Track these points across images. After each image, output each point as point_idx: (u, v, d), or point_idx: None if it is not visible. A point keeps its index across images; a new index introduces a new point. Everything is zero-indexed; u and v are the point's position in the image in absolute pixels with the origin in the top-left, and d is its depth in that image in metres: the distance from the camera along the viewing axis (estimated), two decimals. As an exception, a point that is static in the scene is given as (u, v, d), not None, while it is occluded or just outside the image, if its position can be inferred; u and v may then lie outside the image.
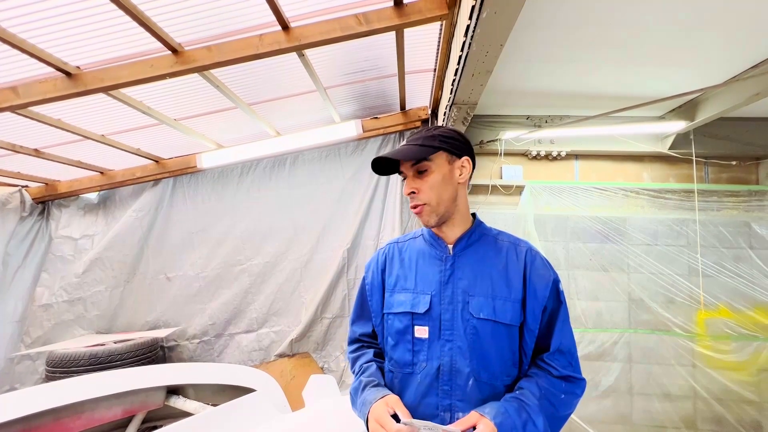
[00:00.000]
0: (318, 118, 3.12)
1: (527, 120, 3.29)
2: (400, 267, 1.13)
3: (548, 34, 2.12)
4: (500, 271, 1.03)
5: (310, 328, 3.38)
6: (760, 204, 3.17)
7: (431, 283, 1.06)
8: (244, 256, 3.48)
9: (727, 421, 3.01)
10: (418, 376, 1.02)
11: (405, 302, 1.07)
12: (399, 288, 1.10)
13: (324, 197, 3.46)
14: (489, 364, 0.99)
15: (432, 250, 1.10)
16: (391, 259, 1.16)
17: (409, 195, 1.05)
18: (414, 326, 1.04)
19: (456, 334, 1.00)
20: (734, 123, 3.12)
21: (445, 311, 1.02)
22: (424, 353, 1.03)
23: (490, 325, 0.99)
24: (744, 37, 2.08)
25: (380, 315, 1.15)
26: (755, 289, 3.04)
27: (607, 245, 3.20)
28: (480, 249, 1.07)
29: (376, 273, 1.17)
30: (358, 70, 2.47)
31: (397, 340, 1.07)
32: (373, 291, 1.17)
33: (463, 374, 0.99)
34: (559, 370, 1.00)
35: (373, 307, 1.17)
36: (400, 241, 1.21)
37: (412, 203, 1.06)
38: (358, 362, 1.17)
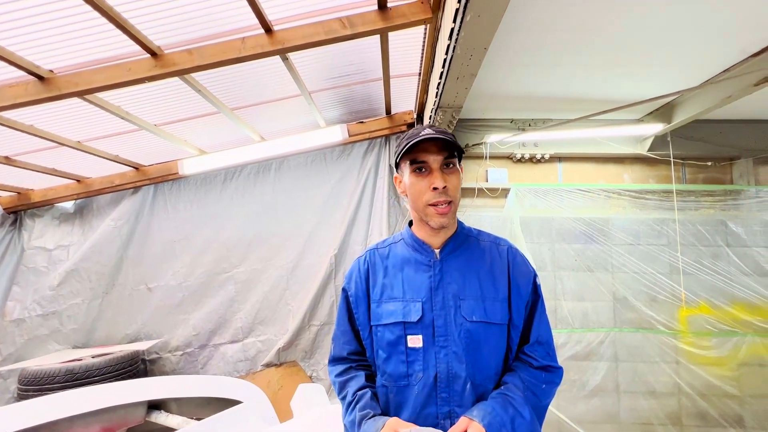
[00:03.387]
0: (303, 123, 3.09)
1: (511, 123, 3.34)
2: (384, 275, 1.07)
3: (530, 38, 2.15)
4: (486, 272, 1.04)
5: (298, 336, 3.31)
6: (735, 203, 3.27)
7: (420, 290, 1.02)
8: (228, 264, 3.40)
9: (711, 416, 3.07)
10: (416, 387, 0.98)
11: (395, 312, 1.02)
12: (386, 297, 1.04)
13: (310, 203, 3.41)
14: (483, 365, 0.99)
15: (417, 256, 1.06)
16: (373, 267, 1.09)
17: (441, 189, 0.95)
18: (407, 336, 1.00)
19: (450, 339, 0.99)
20: (708, 125, 3.23)
21: (437, 317, 1.00)
22: (419, 363, 0.99)
23: (483, 327, 0.99)
24: (716, 42, 2.16)
25: (368, 328, 1.07)
26: (733, 286, 3.13)
27: (592, 246, 3.25)
28: (465, 251, 1.06)
29: (360, 283, 1.09)
30: (343, 74, 2.46)
31: (390, 352, 1.01)
32: (358, 303, 1.09)
33: (460, 379, 0.97)
34: (539, 361, 1.02)
35: (359, 320, 1.09)
36: (380, 247, 1.14)
37: (441, 199, 0.97)
38: (349, 388, 1.06)
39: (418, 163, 0.98)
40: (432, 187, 0.96)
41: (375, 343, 1.05)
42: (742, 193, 3.29)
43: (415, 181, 0.99)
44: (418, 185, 0.98)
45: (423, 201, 0.99)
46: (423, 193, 0.98)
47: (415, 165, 0.99)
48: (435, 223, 0.99)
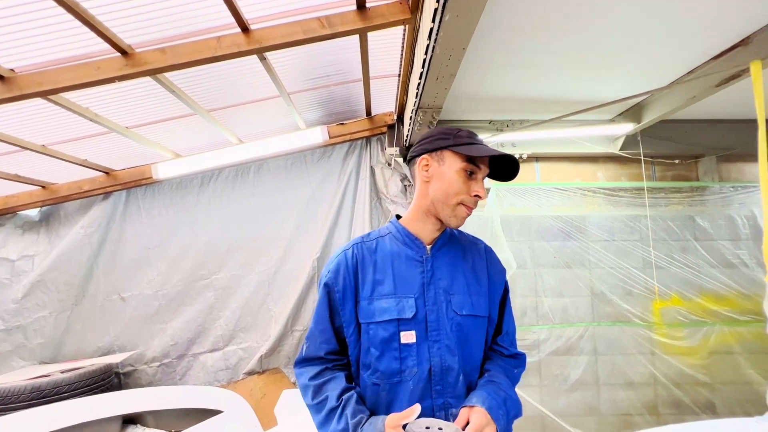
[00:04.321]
0: (282, 125, 3.05)
1: (490, 124, 3.40)
2: (374, 270, 1.05)
3: (507, 40, 2.20)
4: (470, 268, 1.10)
5: (281, 343, 3.25)
6: (701, 199, 3.43)
7: (412, 286, 1.03)
8: (207, 270, 3.31)
9: (685, 404, 3.20)
10: (410, 383, 0.99)
11: (389, 309, 1.01)
12: (378, 294, 1.02)
13: (291, 206, 3.36)
14: (471, 356, 1.05)
15: (408, 251, 1.07)
16: (362, 262, 1.06)
17: (476, 198, 1.02)
18: (400, 332, 1.00)
19: (443, 333, 1.01)
20: (675, 125, 3.38)
21: (430, 312, 1.02)
22: (412, 358, 1.00)
23: (471, 320, 1.04)
24: (680, 45, 2.26)
25: (353, 325, 1.03)
26: (702, 278, 3.27)
27: (569, 243, 3.34)
28: (451, 249, 1.11)
29: (348, 278, 1.04)
30: (322, 75, 2.44)
31: (383, 349, 1.00)
32: (345, 299, 1.03)
33: (453, 371, 1.01)
34: (509, 350, 1.13)
35: (344, 317, 1.03)
36: (367, 240, 1.11)
37: (472, 206, 1.03)
38: (329, 392, 0.99)
39: (473, 166, 1.01)
40: (474, 193, 1.01)
41: (367, 340, 1.02)
42: (707, 189, 3.45)
43: (459, 179, 1.00)
44: (460, 184, 1.00)
45: (457, 198, 1.01)
46: (461, 193, 1.01)
47: (469, 166, 1.01)
48: (455, 222, 1.04)
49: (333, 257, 1.10)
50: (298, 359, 1.08)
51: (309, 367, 1.05)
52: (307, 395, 1.02)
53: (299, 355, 1.08)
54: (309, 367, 1.05)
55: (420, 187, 1.07)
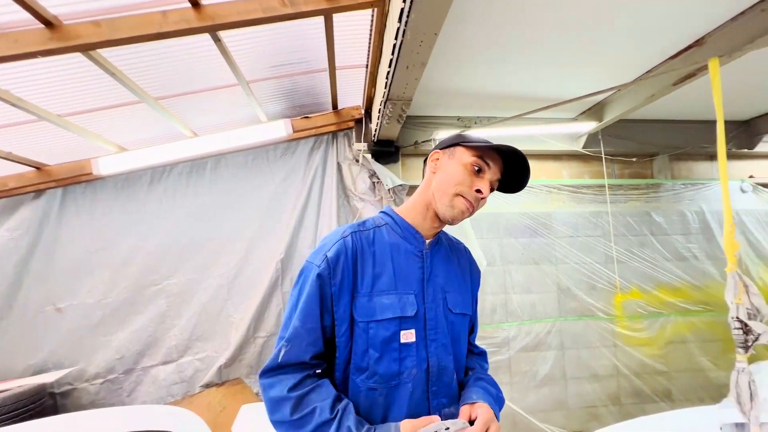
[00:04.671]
0: (241, 117, 2.84)
1: (458, 121, 3.37)
2: (373, 263, 0.95)
3: (478, 32, 2.15)
4: (457, 267, 1.09)
5: (242, 351, 3.03)
6: (656, 195, 3.59)
7: (412, 281, 0.97)
8: (159, 274, 3.02)
9: (645, 393, 3.32)
10: (409, 385, 0.92)
11: (392, 306, 0.92)
12: (377, 290, 0.93)
13: (252, 204, 3.15)
14: (460, 355, 1.04)
15: (407, 244, 1.00)
16: (361, 252, 0.95)
17: (480, 195, 0.96)
18: (400, 331, 0.92)
19: (440, 331, 0.98)
20: (632, 124, 3.52)
21: (429, 310, 0.97)
22: (411, 359, 0.93)
23: (461, 319, 1.04)
24: (640, 45, 2.32)
25: (346, 323, 0.91)
26: (658, 271, 3.42)
27: (536, 239, 3.37)
28: (442, 247, 1.09)
29: (347, 269, 0.92)
30: (285, 63, 2.28)
31: (383, 350, 0.91)
32: (342, 293, 0.91)
33: (448, 370, 0.98)
34: (477, 347, 1.18)
35: (338, 315, 0.91)
36: (363, 229, 1.00)
37: (473, 201, 0.96)
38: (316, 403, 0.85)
39: (482, 163, 0.95)
40: (476, 188, 0.95)
41: (365, 341, 0.91)
42: (661, 186, 3.62)
43: (464, 171, 0.95)
44: (464, 176, 0.95)
45: (457, 188, 0.95)
46: (462, 184, 0.95)
47: (478, 162, 0.95)
48: (451, 213, 0.96)
49: (326, 244, 0.95)
50: (270, 366, 0.89)
51: (286, 375, 0.88)
52: (284, 409, 0.85)
53: (272, 361, 0.89)
54: (286, 375, 0.88)
55: (426, 180, 1.03)
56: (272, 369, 0.90)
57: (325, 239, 0.99)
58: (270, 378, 0.89)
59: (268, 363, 0.90)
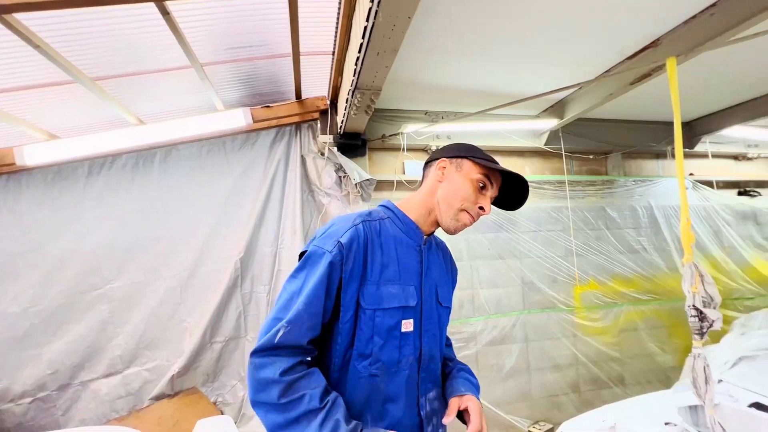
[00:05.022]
0: (195, 104, 2.61)
1: (426, 115, 3.33)
2: (381, 253, 0.98)
3: (447, 23, 2.10)
4: (443, 263, 1.17)
5: (197, 358, 2.80)
6: (610, 191, 3.78)
7: (412, 274, 1.02)
8: (100, 278, 2.72)
9: (601, 379, 3.48)
10: (406, 372, 0.99)
11: (397, 296, 0.97)
12: (385, 279, 0.97)
13: (207, 200, 2.92)
14: (442, 344, 1.13)
15: (407, 238, 1.05)
16: (371, 242, 0.98)
17: (483, 213, 1.04)
18: (402, 321, 0.97)
19: (432, 323, 1.05)
20: (589, 123, 3.66)
21: (425, 302, 1.03)
22: (409, 347, 0.99)
23: (446, 312, 1.13)
24: (600, 45, 2.39)
25: (352, 310, 0.93)
26: (612, 263, 3.59)
27: (502, 234, 3.42)
28: (433, 244, 1.15)
29: (359, 255, 0.94)
30: (244, 45, 2.10)
31: (386, 338, 0.95)
32: (351, 279, 0.93)
33: (435, 359, 1.07)
34: (448, 339, 1.24)
35: (345, 300, 0.93)
36: (371, 220, 1.02)
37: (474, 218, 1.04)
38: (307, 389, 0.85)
39: (487, 181, 1.04)
40: (479, 206, 1.03)
41: (370, 328, 0.94)
42: (615, 182, 3.81)
43: (471, 187, 1.02)
44: (470, 192, 1.02)
45: (463, 204, 1.02)
46: (468, 200, 1.02)
47: (483, 180, 1.03)
48: (454, 226, 1.04)
49: (338, 230, 0.96)
50: (265, 346, 0.87)
51: (280, 357, 0.87)
52: (271, 391, 0.84)
53: (267, 341, 0.87)
54: (280, 357, 0.87)
55: (430, 186, 1.07)
56: (267, 349, 0.87)
57: (333, 226, 0.99)
58: (263, 358, 0.87)
59: (262, 342, 0.87)
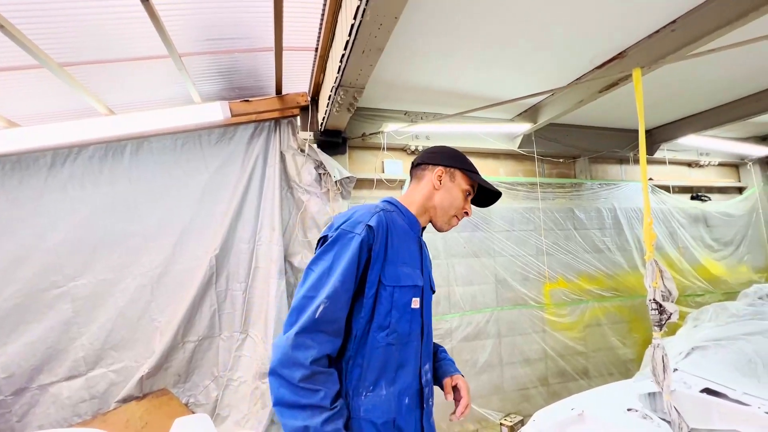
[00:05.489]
0: (171, 95, 2.53)
1: (405, 116, 3.37)
2: (396, 238, 1.13)
3: (429, 25, 2.15)
4: (427, 253, 1.32)
5: (168, 358, 2.71)
6: (578, 194, 3.97)
7: (416, 260, 1.19)
8: (62, 276, 2.57)
9: (568, 372, 3.65)
10: (414, 344, 1.13)
11: (411, 276, 1.12)
12: (401, 261, 1.11)
13: (181, 195, 2.83)
14: None
15: (410, 231, 1.21)
16: (390, 228, 1.12)
17: (466, 214, 1.28)
18: (412, 298, 1.11)
19: (429, 304, 1.22)
20: (560, 128, 3.84)
21: (425, 284, 1.19)
22: (416, 322, 1.14)
23: (433, 297, 1.30)
24: (571, 54, 2.52)
25: (375, 285, 1.05)
26: (579, 262, 3.78)
27: (477, 233, 3.52)
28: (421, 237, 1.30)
29: (383, 238, 1.07)
30: (225, 37, 2.06)
31: (402, 312, 1.09)
32: (377, 259, 1.06)
33: (431, 336, 1.23)
34: None
35: (370, 277, 1.04)
36: (385, 210, 1.15)
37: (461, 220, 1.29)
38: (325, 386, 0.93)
39: (473, 190, 1.28)
40: (465, 211, 1.27)
41: (389, 303, 1.06)
42: (582, 185, 4.01)
43: (462, 197, 1.25)
44: (462, 201, 1.26)
45: (455, 211, 1.26)
46: (459, 208, 1.26)
47: (471, 190, 1.27)
48: (447, 228, 1.28)
49: (363, 216, 1.08)
50: (306, 324, 0.94)
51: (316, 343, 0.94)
52: (296, 372, 0.91)
53: (308, 319, 0.94)
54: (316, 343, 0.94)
55: (428, 190, 1.24)
56: (308, 329, 0.94)
57: (356, 213, 1.10)
58: (303, 337, 0.93)
59: (304, 322, 0.94)
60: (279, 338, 0.96)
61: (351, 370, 1.04)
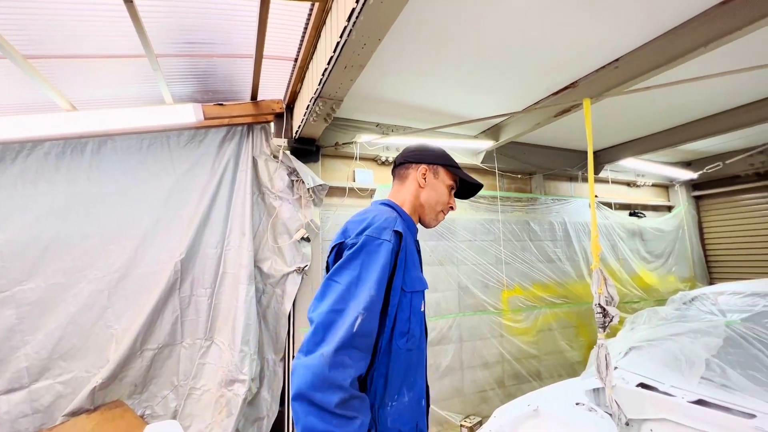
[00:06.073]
0: (140, 94, 2.46)
1: (377, 127, 3.49)
2: (409, 243, 1.13)
3: (406, 46, 2.29)
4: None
5: (125, 367, 2.58)
6: (533, 207, 4.28)
7: (418, 262, 1.21)
8: (7, 279, 2.39)
9: (522, 375, 3.89)
10: (424, 345, 1.16)
11: (421, 279, 1.14)
12: (413, 266, 1.12)
13: (146, 197, 2.74)
14: None
15: (410, 234, 1.21)
16: (406, 234, 1.12)
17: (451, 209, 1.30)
18: (422, 301, 1.15)
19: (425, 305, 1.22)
20: (518, 147, 4.14)
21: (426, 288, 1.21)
22: (424, 324, 1.17)
23: None
24: (531, 81, 2.77)
25: (399, 293, 1.04)
26: (534, 271, 4.06)
27: (442, 242, 3.69)
28: None
29: (404, 245, 1.08)
30: (206, 41, 2.06)
31: (418, 316, 1.11)
32: (401, 265, 1.05)
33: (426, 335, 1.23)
34: None
35: (395, 284, 1.03)
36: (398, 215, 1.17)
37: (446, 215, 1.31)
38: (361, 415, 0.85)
39: (456, 185, 1.32)
40: (450, 206, 1.30)
41: (409, 308, 1.07)
42: (537, 200, 4.33)
43: (447, 193, 1.29)
44: (447, 197, 1.29)
45: (442, 207, 1.28)
46: (444, 204, 1.28)
47: (454, 185, 1.31)
48: (434, 224, 1.30)
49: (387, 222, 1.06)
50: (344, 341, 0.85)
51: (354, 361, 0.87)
52: (332, 396, 0.81)
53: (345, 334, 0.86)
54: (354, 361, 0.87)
55: (414, 190, 1.26)
56: (345, 345, 0.85)
57: (374, 218, 1.07)
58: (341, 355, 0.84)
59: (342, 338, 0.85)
60: (310, 358, 0.83)
61: (375, 382, 0.98)
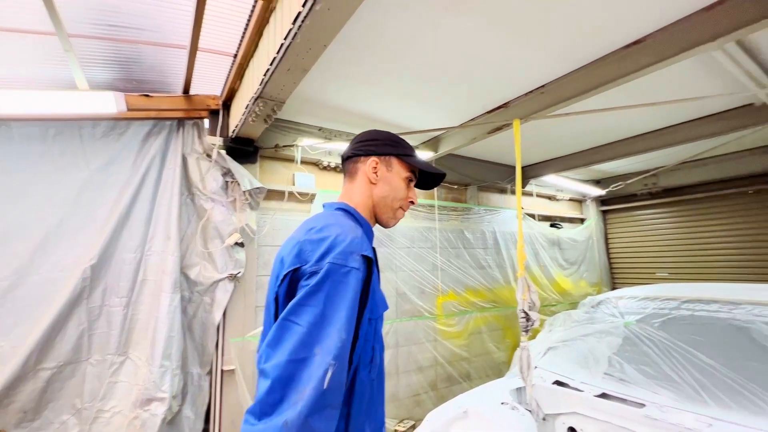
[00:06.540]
0: (49, 77, 2.16)
1: (319, 131, 3.45)
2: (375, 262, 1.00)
3: (351, 53, 2.30)
4: None
5: (13, 391, 2.22)
6: (467, 217, 4.53)
7: (379, 279, 1.05)
8: None
9: (454, 377, 4.06)
10: (383, 368, 1.02)
11: (384, 299, 1.00)
12: (377, 285, 0.98)
13: (49, 194, 2.40)
14: None
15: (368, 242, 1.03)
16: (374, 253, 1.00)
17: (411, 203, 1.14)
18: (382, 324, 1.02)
19: None
20: (455, 159, 4.36)
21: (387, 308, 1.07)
22: (383, 349, 1.03)
23: None
24: (469, 99, 2.95)
25: (365, 325, 0.89)
26: (467, 277, 4.29)
27: (381, 249, 3.73)
28: None
29: (373, 267, 0.92)
30: (132, 26, 1.87)
31: (380, 342, 0.99)
32: (370, 293, 0.89)
33: None
34: None
35: (364, 316, 0.88)
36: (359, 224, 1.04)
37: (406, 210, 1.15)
38: None
39: (413, 176, 1.15)
40: (410, 200, 1.14)
41: (372, 336, 0.94)
42: (471, 210, 4.59)
43: (403, 186, 1.12)
44: (403, 191, 1.12)
45: (400, 202, 1.12)
46: (403, 198, 1.12)
47: (412, 176, 1.14)
48: (393, 223, 1.14)
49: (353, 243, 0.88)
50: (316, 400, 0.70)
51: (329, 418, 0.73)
52: None
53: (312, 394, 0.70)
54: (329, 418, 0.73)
55: (365, 187, 1.10)
56: (318, 407, 0.71)
57: (339, 238, 0.88)
58: (315, 420, 0.70)
59: (309, 400, 0.70)
60: (267, 426, 0.69)
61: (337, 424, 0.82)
